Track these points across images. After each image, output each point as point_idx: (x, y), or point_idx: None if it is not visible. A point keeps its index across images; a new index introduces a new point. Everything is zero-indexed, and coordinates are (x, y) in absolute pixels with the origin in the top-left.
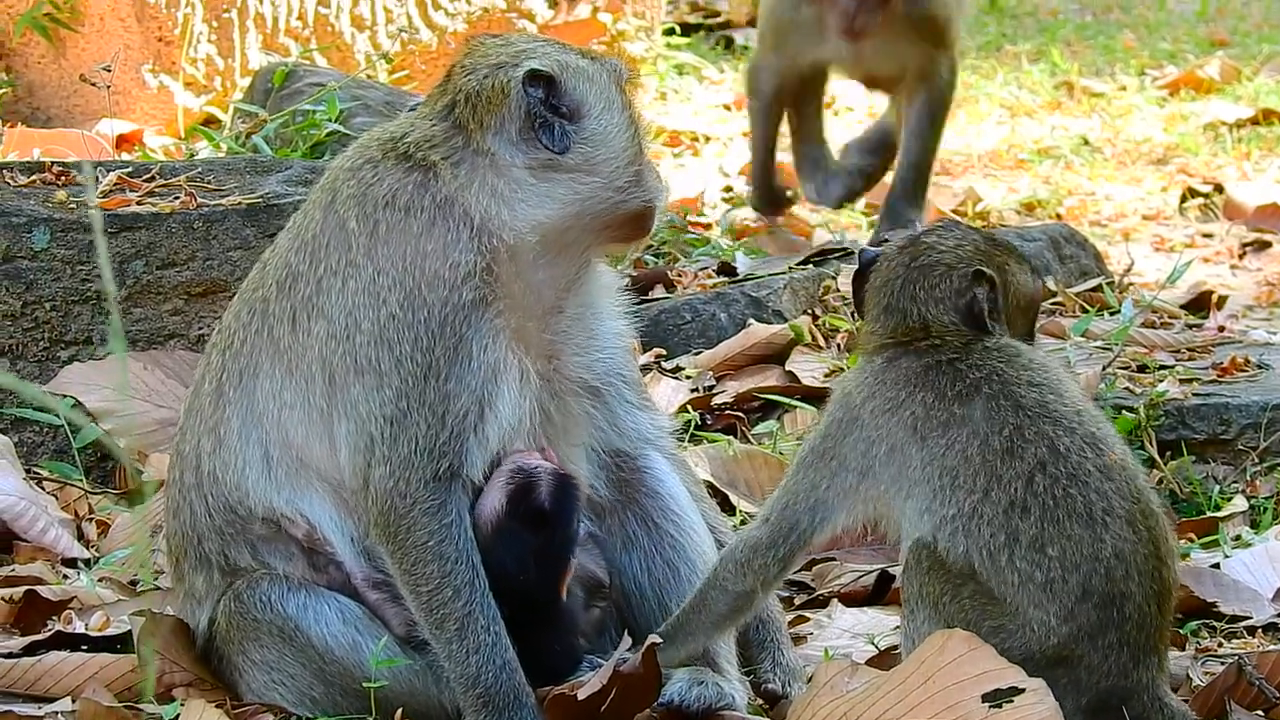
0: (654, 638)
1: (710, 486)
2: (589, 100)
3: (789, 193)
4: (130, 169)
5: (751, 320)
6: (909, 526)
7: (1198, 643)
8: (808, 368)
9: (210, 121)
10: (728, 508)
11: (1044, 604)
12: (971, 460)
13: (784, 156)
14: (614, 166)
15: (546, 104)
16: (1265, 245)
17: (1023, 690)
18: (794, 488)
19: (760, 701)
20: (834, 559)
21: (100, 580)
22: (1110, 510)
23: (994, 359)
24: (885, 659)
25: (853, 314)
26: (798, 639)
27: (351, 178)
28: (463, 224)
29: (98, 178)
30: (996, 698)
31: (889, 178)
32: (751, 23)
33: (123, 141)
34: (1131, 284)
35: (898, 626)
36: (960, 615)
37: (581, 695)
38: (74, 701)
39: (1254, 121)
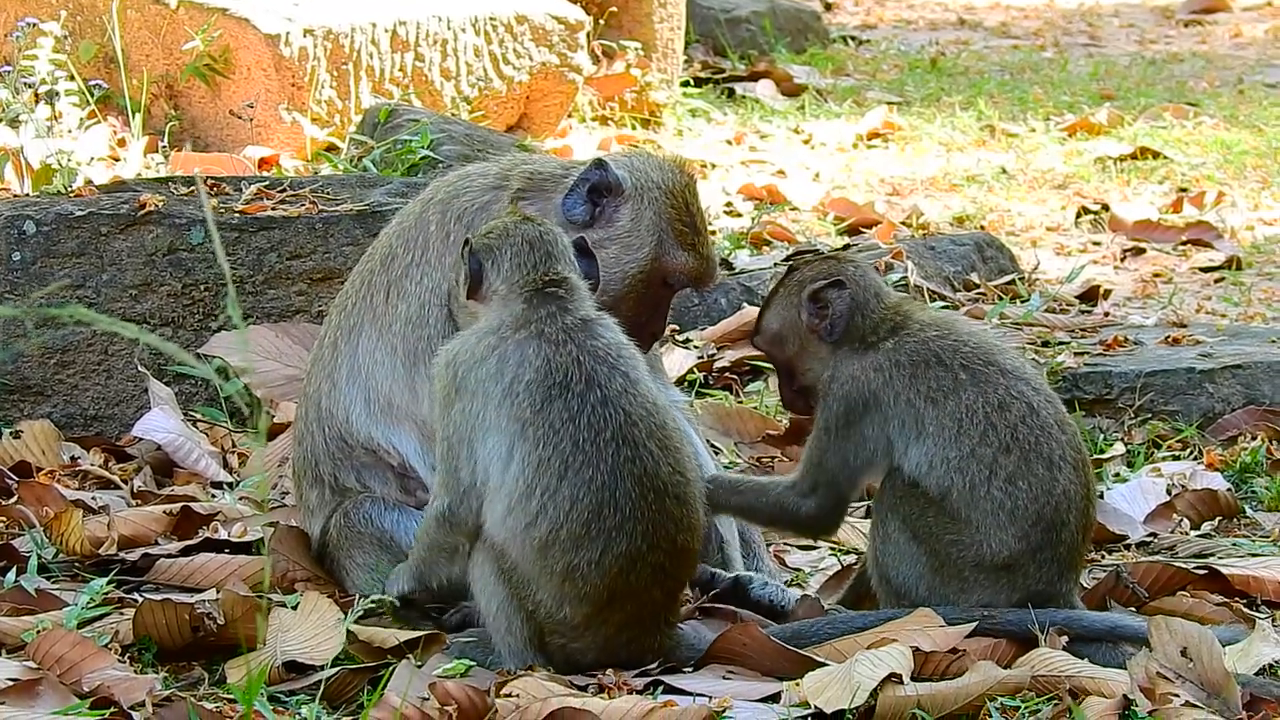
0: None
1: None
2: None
3: None
4: (268, 183)
5: (745, 304)
6: (910, 468)
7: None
8: None
9: (331, 148)
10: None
11: (1006, 526)
12: (975, 413)
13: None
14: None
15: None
16: (1141, 251)
17: None
18: (829, 465)
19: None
20: None
21: (240, 499)
22: (1064, 458)
23: (972, 337)
24: (847, 573)
25: None
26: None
27: (448, 185)
28: None
29: (242, 189)
30: None
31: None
32: (751, 77)
33: (263, 163)
34: (1037, 280)
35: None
36: (924, 529)
37: None
38: (218, 592)
39: (1133, 156)
